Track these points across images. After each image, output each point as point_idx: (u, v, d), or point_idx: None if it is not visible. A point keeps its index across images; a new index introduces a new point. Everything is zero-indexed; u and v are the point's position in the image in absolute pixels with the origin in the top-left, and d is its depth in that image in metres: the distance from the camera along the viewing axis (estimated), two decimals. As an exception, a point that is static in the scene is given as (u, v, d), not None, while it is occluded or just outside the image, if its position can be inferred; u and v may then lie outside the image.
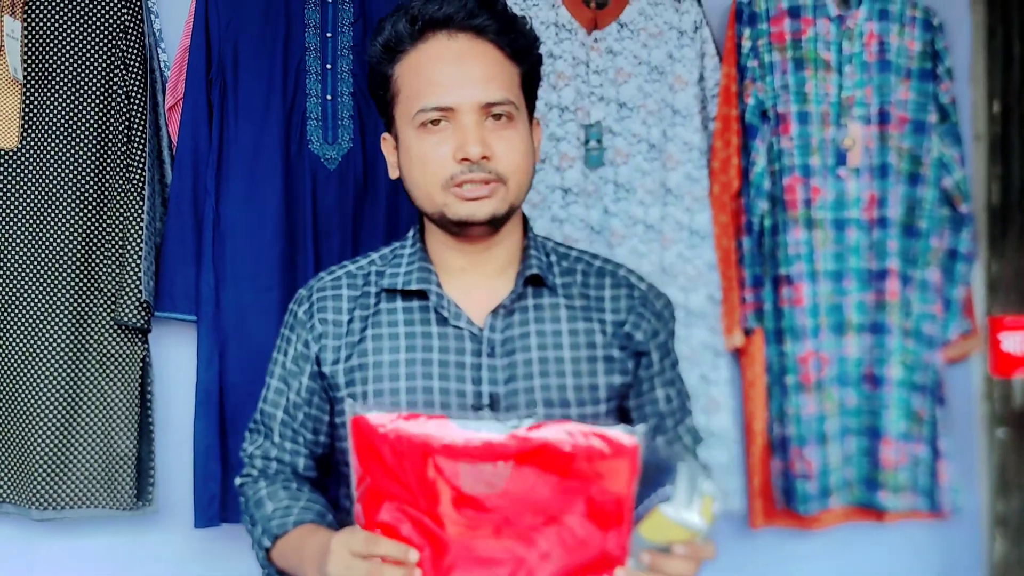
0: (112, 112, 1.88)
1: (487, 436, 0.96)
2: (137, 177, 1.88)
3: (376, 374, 1.20)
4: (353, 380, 1.21)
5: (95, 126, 1.87)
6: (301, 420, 1.26)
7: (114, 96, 1.88)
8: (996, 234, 2.28)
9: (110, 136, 1.88)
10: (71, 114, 1.86)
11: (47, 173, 1.85)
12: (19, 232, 1.84)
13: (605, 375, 1.23)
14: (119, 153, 1.88)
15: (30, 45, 1.86)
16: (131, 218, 1.87)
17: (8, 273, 1.84)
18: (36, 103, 1.85)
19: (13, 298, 1.84)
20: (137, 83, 1.89)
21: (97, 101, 1.87)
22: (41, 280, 1.84)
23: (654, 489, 0.98)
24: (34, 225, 1.84)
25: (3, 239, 1.84)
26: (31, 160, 1.84)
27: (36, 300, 1.84)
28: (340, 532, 1.01)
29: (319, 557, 1.05)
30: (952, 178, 2.16)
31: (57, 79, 1.85)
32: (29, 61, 1.85)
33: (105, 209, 1.88)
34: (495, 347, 1.20)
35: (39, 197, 1.84)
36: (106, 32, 1.88)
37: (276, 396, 1.27)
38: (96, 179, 1.87)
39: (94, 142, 1.86)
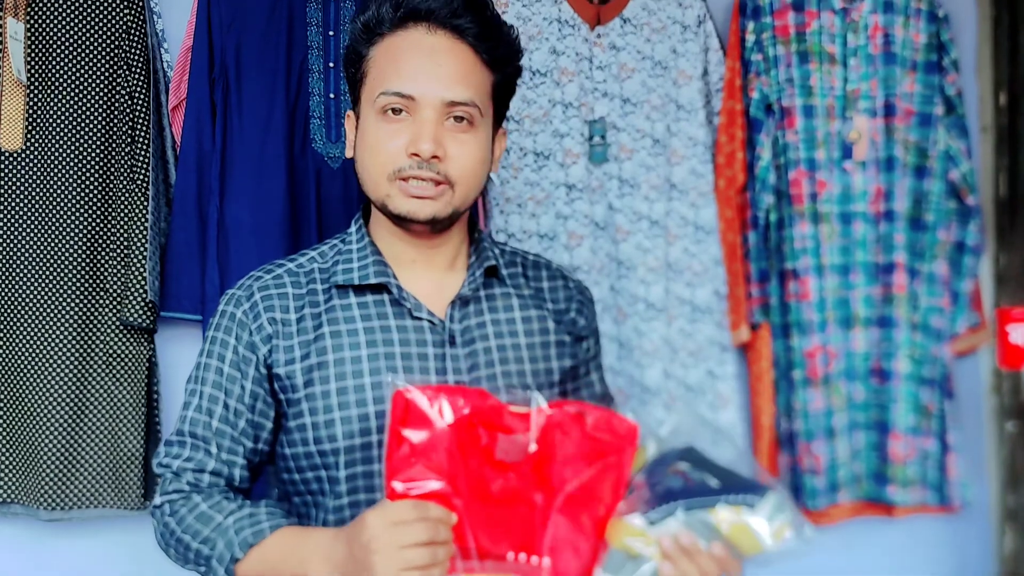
0: (116, 113, 1.88)
1: (520, 411, 1.06)
2: (141, 177, 1.88)
3: (339, 371, 1.17)
4: (312, 380, 1.18)
5: (99, 127, 1.87)
6: (242, 428, 1.20)
7: (117, 97, 1.88)
8: (1004, 226, 2.26)
9: (114, 137, 1.88)
10: (75, 115, 1.86)
11: (51, 174, 1.85)
12: (24, 233, 1.84)
13: (558, 359, 1.27)
14: (123, 154, 1.88)
15: (33, 47, 1.86)
16: (136, 218, 1.87)
17: (13, 274, 1.84)
18: (40, 104, 1.85)
19: (19, 299, 1.84)
20: (140, 83, 1.89)
21: (101, 102, 1.87)
22: (46, 281, 1.84)
23: (740, 489, 1.03)
24: (39, 226, 1.85)
25: (8, 240, 1.84)
26: (35, 161, 1.85)
27: (42, 301, 1.84)
28: (372, 508, 1.01)
29: (335, 546, 1.05)
30: (959, 170, 2.15)
31: (60, 80, 1.86)
32: (32, 62, 1.86)
33: (109, 210, 1.88)
34: (456, 337, 1.21)
35: (43, 198, 1.85)
36: (109, 33, 1.88)
37: (211, 404, 1.19)
38: (100, 180, 1.87)
39: (98, 143, 1.87)
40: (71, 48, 1.87)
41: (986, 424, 2.29)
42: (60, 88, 1.86)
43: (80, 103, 1.86)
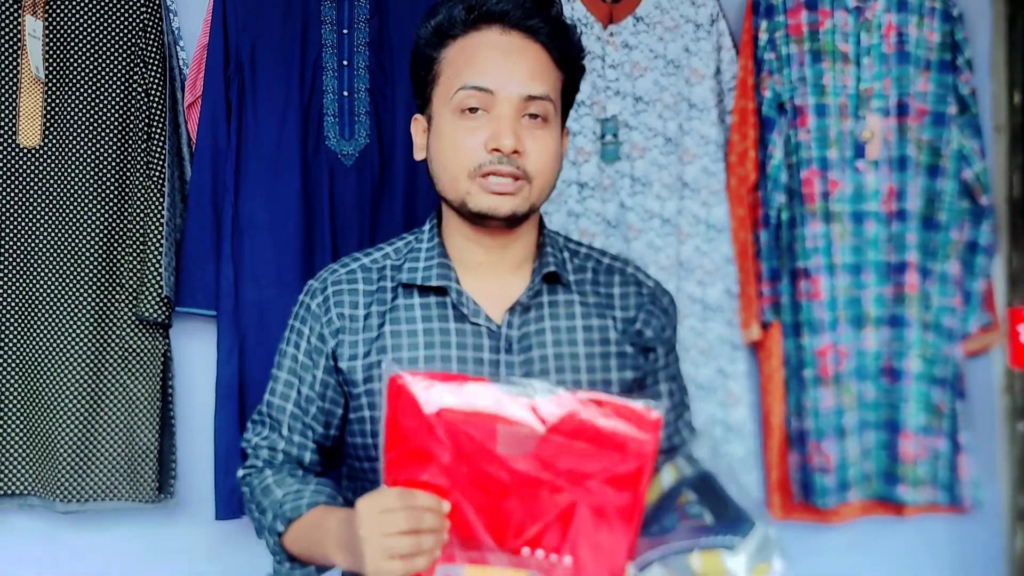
0: (132, 110, 1.90)
1: (526, 402, 1.02)
2: (157, 174, 1.90)
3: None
4: (371, 376, 1.21)
5: (115, 124, 1.89)
6: (313, 414, 1.25)
7: (134, 94, 1.90)
8: (1017, 226, 2.26)
9: (130, 134, 1.90)
10: (92, 112, 1.88)
11: (68, 171, 1.87)
12: (41, 229, 1.86)
13: (618, 371, 1.25)
14: (139, 150, 1.90)
15: (51, 44, 1.88)
16: (151, 215, 1.89)
17: (30, 270, 1.86)
18: (57, 101, 1.87)
19: (36, 294, 1.86)
20: (156, 81, 1.91)
21: (117, 99, 1.89)
22: (63, 277, 1.87)
23: (727, 528, 1.01)
24: (56, 222, 1.87)
25: (25, 236, 1.86)
26: (53, 158, 1.87)
27: (58, 296, 1.86)
28: (365, 496, 1.02)
29: (341, 530, 1.06)
30: (972, 170, 2.14)
31: (78, 77, 1.88)
32: (50, 60, 1.88)
33: (126, 206, 1.90)
34: (512, 343, 1.21)
35: (61, 194, 1.87)
36: (126, 31, 1.90)
37: (286, 389, 1.25)
38: (117, 176, 1.89)
39: (114, 140, 1.89)
40: (88, 45, 1.88)
41: (998, 424, 2.28)
42: (77, 85, 1.88)
43: (97, 100, 1.88)
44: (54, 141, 1.87)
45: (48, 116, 1.87)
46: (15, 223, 1.86)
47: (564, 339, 1.23)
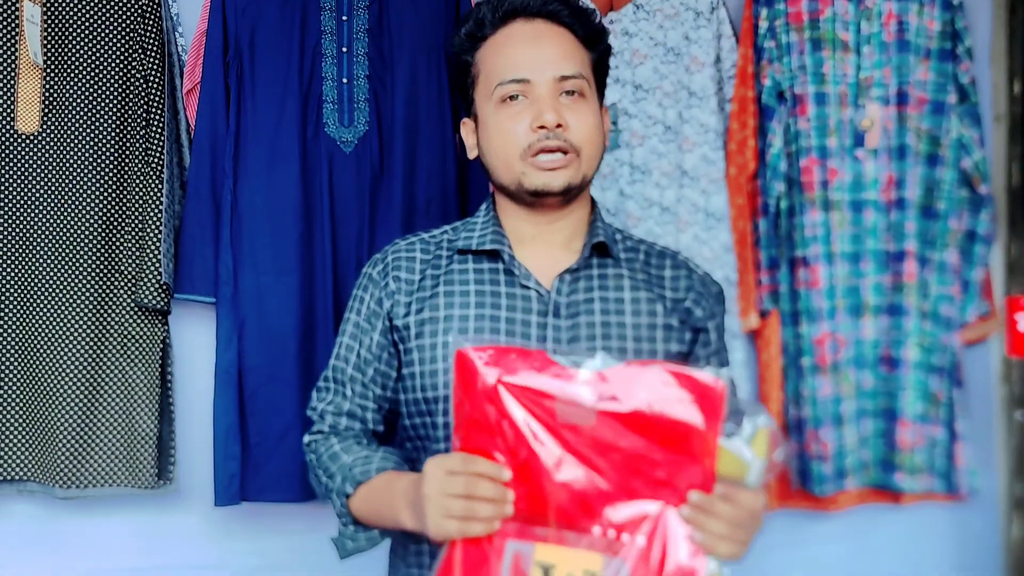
0: (131, 96, 1.90)
1: (584, 377, 1.02)
2: (156, 160, 1.90)
3: (447, 326, 1.25)
4: (423, 332, 1.26)
5: (114, 110, 1.88)
6: (371, 375, 1.30)
7: (133, 80, 1.90)
8: (1016, 215, 2.26)
9: (129, 120, 1.90)
10: (90, 98, 1.88)
11: (67, 157, 1.87)
12: (40, 215, 1.86)
13: (663, 342, 1.28)
14: (138, 137, 1.90)
15: (50, 30, 1.87)
16: (150, 201, 1.89)
17: (30, 256, 1.86)
18: (56, 87, 1.87)
19: (35, 281, 1.86)
20: (155, 67, 1.90)
21: (116, 85, 1.88)
22: (62, 263, 1.87)
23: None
24: (55, 208, 1.87)
25: (24, 222, 1.86)
26: (51, 144, 1.87)
27: (57, 283, 1.86)
28: (433, 457, 1.07)
29: (410, 490, 1.10)
30: (971, 159, 2.14)
31: (76, 63, 1.87)
32: (49, 46, 1.87)
33: (125, 192, 1.90)
34: (560, 309, 1.26)
35: (59, 181, 1.87)
36: (124, 17, 1.89)
37: (347, 352, 1.32)
38: (115, 163, 1.89)
39: (113, 126, 1.88)
40: (87, 31, 1.88)
41: (995, 413, 2.29)
42: (76, 71, 1.87)
43: (96, 86, 1.88)
44: (52, 127, 1.87)
45: (46, 102, 1.87)
46: (13, 209, 1.86)
47: (612, 308, 1.28)
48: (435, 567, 1.04)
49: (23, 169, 1.86)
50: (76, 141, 1.87)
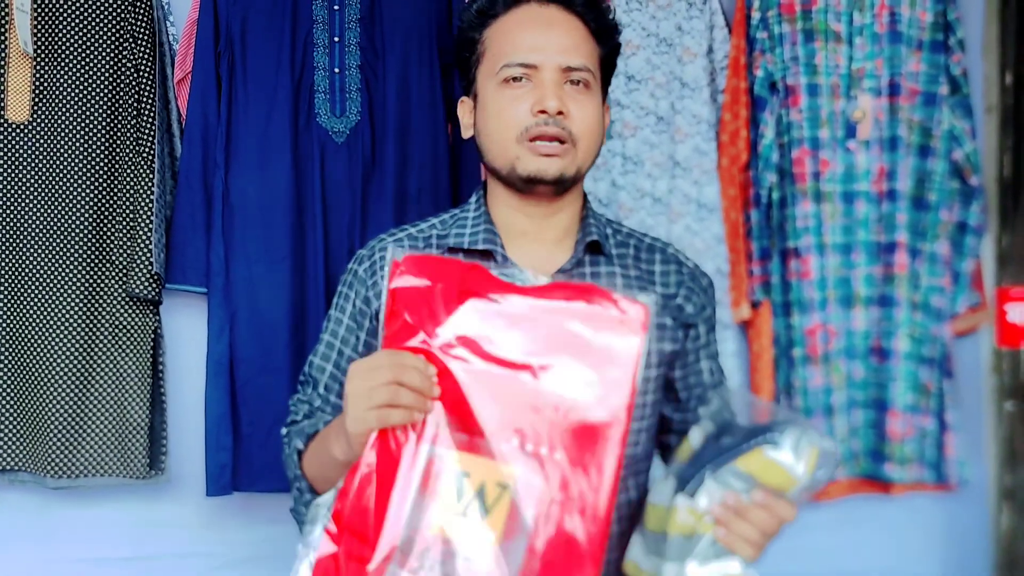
0: (121, 85, 1.89)
1: (517, 281, 1.02)
2: (147, 150, 1.89)
3: None
4: None
5: (105, 99, 1.88)
6: None
7: (123, 69, 1.89)
8: (1007, 207, 2.26)
9: (120, 109, 1.89)
10: (81, 87, 1.87)
11: (58, 146, 1.86)
12: (31, 205, 1.86)
13: (656, 341, 1.26)
14: (129, 126, 1.89)
15: (40, 18, 1.87)
16: (141, 191, 1.88)
17: (20, 246, 1.86)
18: (46, 76, 1.86)
19: (26, 271, 1.86)
20: (146, 56, 1.90)
21: (106, 74, 1.88)
22: (53, 253, 1.86)
23: (764, 430, 1.00)
24: (45, 198, 1.86)
25: (15, 212, 1.86)
26: (42, 133, 1.86)
27: (48, 273, 1.86)
28: (357, 360, 1.04)
29: (340, 418, 1.06)
30: (962, 150, 2.15)
31: (67, 52, 1.87)
32: (39, 35, 1.86)
33: (116, 182, 1.90)
34: None
35: (50, 170, 1.86)
36: (115, 5, 1.89)
37: (327, 350, 1.29)
38: (106, 152, 1.88)
39: (104, 115, 1.88)
40: (77, 20, 1.87)
41: (985, 403, 2.30)
42: (66, 60, 1.86)
43: (86, 76, 1.87)
44: (43, 117, 1.86)
45: (37, 91, 1.86)
46: (3, 199, 1.85)
47: None
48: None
49: (13, 159, 1.86)
50: (66, 131, 1.86)
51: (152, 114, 1.89)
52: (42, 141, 1.86)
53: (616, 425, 0.99)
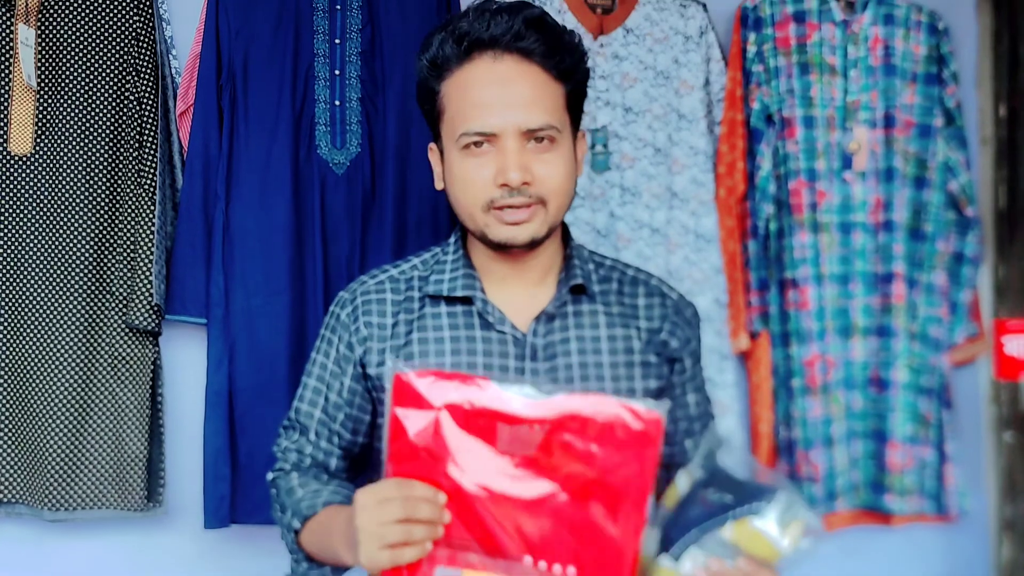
0: (124, 118, 1.90)
1: (526, 400, 1.01)
2: (148, 182, 1.90)
3: None
4: None
5: (107, 132, 1.89)
6: (341, 420, 1.27)
7: (126, 102, 1.91)
8: (1003, 238, 2.28)
9: (122, 141, 1.90)
10: (84, 120, 1.88)
11: (60, 178, 1.87)
12: (32, 236, 1.86)
13: (642, 380, 1.26)
14: (131, 158, 1.91)
15: (44, 52, 1.88)
16: (142, 222, 1.89)
17: (21, 277, 1.86)
18: (49, 109, 1.88)
19: (26, 301, 1.86)
20: (149, 89, 1.91)
21: (109, 107, 1.89)
22: (53, 283, 1.86)
23: (751, 498, 1.01)
24: (47, 229, 1.87)
25: (16, 243, 1.86)
26: (44, 165, 1.87)
27: (48, 303, 1.86)
28: (364, 488, 1.02)
29: (347, 526, 1.06)
30: (958, 182, 2.17)
31: (70, 85, 1.88)
32: (43, 68, 1.88)
33: (117, 213, 1.90)
34: (537, 352, 1.23)
35: (52, 202, 1.87)
36: (118, 39, 1.90)
37: (314, 396, 1.28)
38: (108, 184, 1.89)
39: (106, 147, 1.89)
40: (81, 54, 1.89)
41: (984, 434, 2.30)
42: (69, 93, 1.88)
43: (89, 108, 1.88)
44: (45, 149, 1.88)
45: (40, 124, 1.88)
46: (5, 231, 1.86)
47: (589, 348, 1.25)
48: None
49: (15, 191, 1.86)
50: (69, 163, 1.87)
51: (154, 146, 1.91)
52: (45, 173, 1.87)
53: (628, 543, 1.01)
